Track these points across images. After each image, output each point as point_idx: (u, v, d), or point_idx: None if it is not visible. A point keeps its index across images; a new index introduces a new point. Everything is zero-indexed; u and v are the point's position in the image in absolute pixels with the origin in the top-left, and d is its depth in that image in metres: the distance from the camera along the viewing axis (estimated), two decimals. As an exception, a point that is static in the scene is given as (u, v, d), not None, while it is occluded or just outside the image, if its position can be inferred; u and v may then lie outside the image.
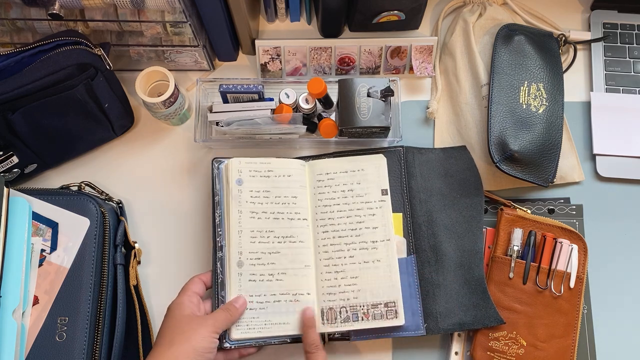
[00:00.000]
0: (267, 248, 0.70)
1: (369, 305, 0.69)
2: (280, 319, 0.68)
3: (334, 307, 0.69)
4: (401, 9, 0.79)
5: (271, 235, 0.71)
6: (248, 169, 0.72)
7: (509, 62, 0.78)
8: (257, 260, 0.69)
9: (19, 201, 0.66)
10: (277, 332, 0.68)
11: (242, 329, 0.67)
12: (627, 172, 0.79)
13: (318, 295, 0.70)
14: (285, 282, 0.69)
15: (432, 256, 0.72)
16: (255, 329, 0.67)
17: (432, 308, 0.70)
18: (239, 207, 0.71)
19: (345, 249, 0.71)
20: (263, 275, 0.69)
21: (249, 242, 0.70)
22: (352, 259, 0.71)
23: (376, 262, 0.70)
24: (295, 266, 0.70)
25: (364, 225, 0.72)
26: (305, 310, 0.68)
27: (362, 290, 0.69)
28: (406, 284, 0.70)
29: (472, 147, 0.78)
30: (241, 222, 0.70)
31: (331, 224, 0.72)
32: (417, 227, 0.73)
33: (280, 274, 0.69)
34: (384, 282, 0.69)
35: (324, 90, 0.73)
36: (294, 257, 0.71)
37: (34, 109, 0.67)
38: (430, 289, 0.71)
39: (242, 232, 0.70)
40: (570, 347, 0.70)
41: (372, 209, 0.73)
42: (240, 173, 0.72)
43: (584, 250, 0.73)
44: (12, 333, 0.61)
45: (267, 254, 0.70)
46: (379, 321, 0.68)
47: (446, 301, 0.70)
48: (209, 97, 0.79)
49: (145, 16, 0.71)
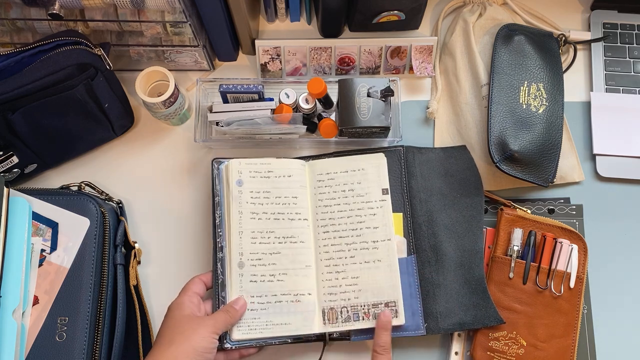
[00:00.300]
0: (268, 249, 0.70)
1: (369, 305, 0.69)
2: (281, 319, 0.68)
3: (335, 307, 0.69)
4: (401, 9, 0.79)
5: (272, 235, 0.71)
6: (248, 170, 0.72)
7: (509, 62, 0.78)
8: (258, 261, 0.69)
9: (19, 201, 0.66)
10: (279, 332, 0.68)
11: (243, 330, 0.67)
12: (627, 172, 0.79)
13: (319, 296, 0.70)
14: (286, 283, 0.69)
15: (432, 256, 0.72)
16: (257, 330, 0.67)
17: (432, 308, 0.70)
18: (239, 208, 0.71)
19: (346, 249, 0.71)
20: (264, 276, 0.69)
21: (249, 243, 0.70)
22: (352, 259, 0.71)
23: (377, 262, 0.70)
24: (296, 266, 0.70)
25: (364, 225, 0.72)
26: (384, 313, 0.68)
27: (363, 290, 0.69)
28: (406, 284, 0.70)
29: (472, 147, 0.78)
30: (242, 223, 0.70)
31: (332, 224, 0.72)
32: (417, 226, 0.73)
33: (281, 275, 0.69)
34: (384, 282, 0.69)
35: (324, 90, 0.73)
36: (295, 257, 0.71)
37: (34, 109, 0.67)
38: (430, 288, 0.71)
39: (242, 233, 0.70)
40: (570, 347, 0.70)
41: (372, 208, 0.73)
42: (240, 174, 0.72)
43: (584, 250, 0.73)
44: (12, 333, 0.61)
45: (267, 255, 0.70)
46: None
47: (446, 301, 0.70)
48: (209, 97, 0.79)
49: (145, 16, 0.71)
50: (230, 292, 0.68)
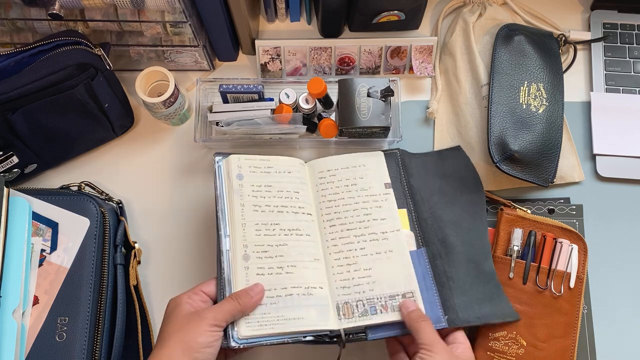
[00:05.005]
0: (274, 240, 0.67)
1: (386, 297, 0.65)
2: (293, 313, 0.63)
3: (350, 301, 0.65)
4: (401, 9, 0.79)
5: (277, 227, 0.67)
6: (248, 165, 0.70)
7: (509, 62, 0.78)
8: (264, 253, 0.66)
9: (19, 201, 0.66)
10: (292, 327, 0.62)
11: (252, 326, 0.61)
12: (627, 172, 0.79)
13: (331, 290, 0.66)
14: (295, 275, 0.65)
15: (442, 249, 0.70)
16: (268, 325, 0.62)
17: (449, 300, 0.67)
18: (241, 200, 0.68)
19: (355, 241, 0.69)
20: (272, 269, 0.65)
21: (253, 235, 0.66)
22: (363, 250, 0.68)
23: (388, 253, 0.68)
24: (304, 259, 0.67)
25: (371, 217, 0.70)
26: (406, 302, 0.64)
27: (378, 282, 0.66)
28: (420, 276, 0.67)
29: (472, 147, 0.78)
30: (244, 215, 0.67)
31: (337, 217, 0.70)
32: (422, 221, 0.71)
33: (290, 267, 0.66)
34: (399, 272, 0.67)
35: (324, 90, 0.73)
36: (303, 249, 0.67)
37: (34, 109, 0.67)
38: (445, 281, 0.68)
39: (245, 225, 0.67)
40: (570, 347, 0.70)
41: (377, 201, 0.71)
42: (240, 168, 0.70)
43: (584, 250, 0.73)
44: (12, 333, 0.61)
45: (274, 247, 0.66)
46: (398, 313, 0.64)
47: (462, 293, 0.68)
48: (209, 97, 0.79)
49: (145, 16, 0.71)
50: (236, 288, 0.63)
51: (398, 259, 0.68)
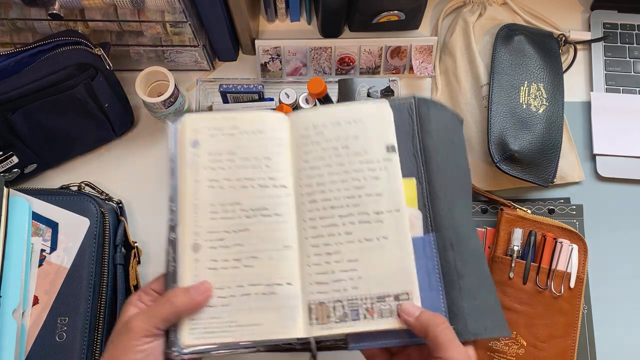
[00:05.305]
0: (232, 225, 0.52)
1: (373, 298, 0.50)
2: (249, 318, 0.50)
3: (326, 302, 0.50)
4: (401, 9, 0.79)
5: (237, 208, 0.53)
6: (207, 127, 0.55)
7: (509, 62, 0.78)
8: (218, 242, 0.52)
9: (19, 201, 0.66)
10: (246, 336, 0.50)
11: (197, 333, 0.49)
12: (627, 172, 0.79)
13: (303, 286, 0.51)
14: (256, 269, 0.51)
15: (453, 237, 0.52)
16: (216, 333, 0.49)
17: (458, 304, 0.50)
18: (194, 175, 0.54)
19: (340, 222, 0.52)
20: (227, 261, 0.51)
21: (207, 219, 0.53)
22: (349, 236, 0.52)
23: (382, 240, 0.51)
24: (269, 247, 0.52)
25: (364, 191, 0.53)
26: (404, 305, 0.49)
27: (364, 278, 0.51)
28: (424, 271, 0.51)
29: (472, 147, 0.78)
30: (197, 194, 0.54)
31: (321, 190, 0.53)
32: (434, 197, 0.53)
33: (249, 259, 0.51)
34: (392, 267, 0.51)
35: (324, 90, 0.73)
36: (268, 235, 0.52)
37: (34, 109, 0.67)
38: (455, 279, 0.51)
39: (198, 207, 0.53)
40: (570, 347, 0.70)
41: (374, 170, 0.53)
42: (196, 133, 0.55)
43: (584, 250, 0.73)
44: (12, 333, 0.61)
45: (231, 233, 0.52)
46: (387, 320, 0.49)
47: (472, 296, 0.51)
48: (209, 97, 0.79)
49: (145, 16, 0.71)
50: (182, 284, 0.51)
51: (394, 249, 0.51)
